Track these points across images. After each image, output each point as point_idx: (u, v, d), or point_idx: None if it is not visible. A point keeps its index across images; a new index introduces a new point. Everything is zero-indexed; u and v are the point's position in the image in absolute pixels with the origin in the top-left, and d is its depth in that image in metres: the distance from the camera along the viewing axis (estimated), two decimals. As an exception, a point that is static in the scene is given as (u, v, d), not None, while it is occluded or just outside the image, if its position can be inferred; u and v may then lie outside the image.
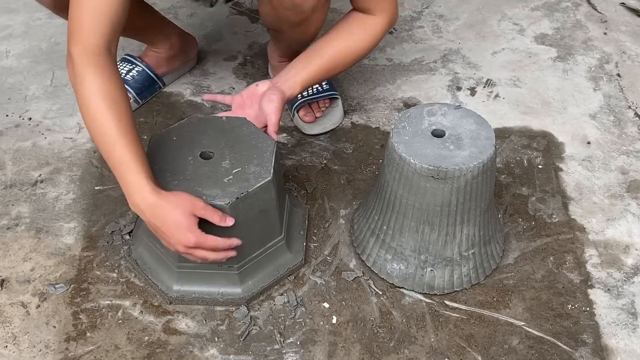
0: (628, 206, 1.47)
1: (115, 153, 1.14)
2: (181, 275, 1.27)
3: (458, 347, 1.23)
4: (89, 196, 1.48)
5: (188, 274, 1.27)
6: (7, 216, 1.44)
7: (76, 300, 1.29)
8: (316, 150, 1.58)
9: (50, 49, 1.86)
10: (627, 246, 1.40)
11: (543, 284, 1.33)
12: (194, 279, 1.27)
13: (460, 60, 1.84)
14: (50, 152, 1.58)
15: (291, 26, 1.41)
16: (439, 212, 1.23)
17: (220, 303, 1.28)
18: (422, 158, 1.19)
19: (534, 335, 1.25)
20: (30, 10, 2.00)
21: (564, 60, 1.84)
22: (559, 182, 1.52)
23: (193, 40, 1.78)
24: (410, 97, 1.73)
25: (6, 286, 1.32)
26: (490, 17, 2.00)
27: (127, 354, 1.22)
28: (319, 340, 1.24)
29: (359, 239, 1.37)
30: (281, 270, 1.32)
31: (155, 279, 1.30)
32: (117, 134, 1.14)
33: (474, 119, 1.27)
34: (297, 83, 1.38)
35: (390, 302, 1.30)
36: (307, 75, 1.39)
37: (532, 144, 1.61)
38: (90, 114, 1.16)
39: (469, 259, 1.29)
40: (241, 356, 1.22)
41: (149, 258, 1.32)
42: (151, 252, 1.31)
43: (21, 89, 1.74)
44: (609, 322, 1.27)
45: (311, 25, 1.42)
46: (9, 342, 1.23)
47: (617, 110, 1.70)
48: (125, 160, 1.14)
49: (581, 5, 2.04)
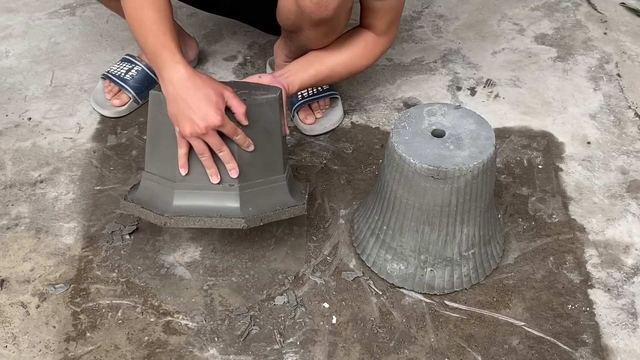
0: (628, 206, 1.47)
1: (151, 35, 1.23)
2: (180, 194, 1.26)
3: (458, 347, 1.23)
4: (89, 196, 1.48)
5: (187, 193, 1.26)
6: (7, 216, 1.44)
7: (76, 300, 1.29)
8: (316, 150, 1.58)
9: (50, 49, 1.86)
10: (627, 246, 1.40)
11: (543, 284, 1.33)
12: (193, 198, 1.26)
13: (460, 60, 1.84)
14: (50, 152, 1.58)
15: (312, 25, 1.39)
16: (439, 212, 1.23)
17: (219, 224, 1.25)
18: (422, 158, 1.19)
19: (534, 336, 1.25)
20: (30, 10, 2.00)
21: (564, 60, 1.84)
22: (559, 182, 1.52)
23: (193, 41, 1.78)
24: (410, 97, 1.73)
25: (6, 286, 1.32)
26: (490, 17, 2.00)
27: (127, 354, 1.22)
28: (319, 340, 1.24)
29: (359, 239, 1.37)
30: (283, 207, 1.29)
31: (152, 207, 1.28)
32: (154, 19, 1.23)
33: (474, 119, 1.27)
34: (296, 82, 1.42)
35: (390, 302, 1.30)
36: (306, 77, 1.44)
37: (532, 144, 1.61)
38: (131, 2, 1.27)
39: (469, 259, 1.29)
40: (241, 356, 1.22)
41: (144, 195, 1.30)
42: (146, 190, 1.30)
43: (21, 89, 1.74)
44: (609, 322, 1.27)
45: (331, 27, 1.40)
46: (9, 342, 1.23)
47: (617, 110, 1.70)
48: (161, 40, 1.22)
49: (581, 5, 2.04)
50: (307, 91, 1.62)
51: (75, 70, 1.80)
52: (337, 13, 1.34)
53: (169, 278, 1.34)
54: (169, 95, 1.21)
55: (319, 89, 1.62)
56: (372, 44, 1.47)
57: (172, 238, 1.40)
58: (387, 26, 1.44)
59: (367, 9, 1.42)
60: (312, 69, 1.44)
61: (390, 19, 1.43)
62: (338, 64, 1.46)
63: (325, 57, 1.45)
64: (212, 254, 1.38)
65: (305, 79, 1.44)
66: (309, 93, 1.62)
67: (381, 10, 1.41)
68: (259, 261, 1.37)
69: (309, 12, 1.33)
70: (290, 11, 1.38)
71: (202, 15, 1.97)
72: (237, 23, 1.96)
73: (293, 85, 1.42)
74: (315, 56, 1.46)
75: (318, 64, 1.45)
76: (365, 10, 1.43)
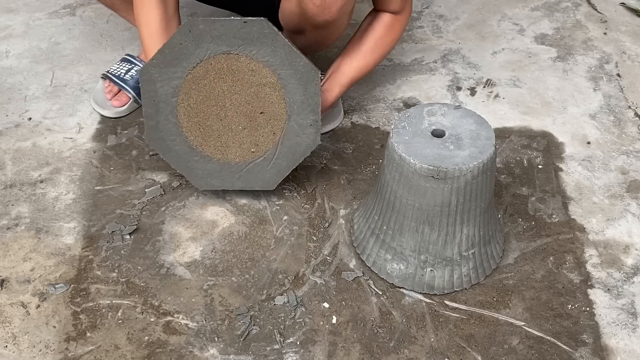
0: (628, 206, 1.47)
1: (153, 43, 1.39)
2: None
3: (458, 347, 1.23)
4: (89, 196, 1.48)
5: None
6: (7, 216, 1.44)
7: (76, 300, 1.30)
8: (316, 150, 1.58)
9: (50, 49, 1.86)
10: (627, 246, 1.40)
11: (543, 284, 1.33)
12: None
13: (460, 60, 1.84)
14: (50, 152, 1.58)
15: (315, 27, 1.40)
16: (439, 212, 1.23)
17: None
18: (422, 158, 1.19)
19: (534, 335, 1.25)
20: (30, 10, 2.00)
21: (564, 60, 1.84)
22: (559, 182, 1.52)
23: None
24: (410, 97, 1.73)
25: (6, 286, 1.32)
26: (490, 17, 2.00)
27: (127, 354, 1.22)
28: (319, 340, 1.24)
29: (359, 239, 1.37)
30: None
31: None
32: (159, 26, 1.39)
33: (473, 119, 1.27)
34: (335, 87, 1.48)
35: (390, 302, 1.30)
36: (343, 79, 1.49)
37: (532, 144, 1.61)
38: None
39: (469, 259, 1.29)
40: (241, 356, 1.22)
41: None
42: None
43: (21, 89, 1.74)
44: (609, 322, 1.27)
45: (334, 29, 1.43)
46: (9, 342, 1.23)
47: (617, 110, 1.70)
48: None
49: (581, 5, 2.04)
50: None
51: (75, 70, 1.80)
52: (340, 15, 1.34)
53: (169, 278, 1.34)
54: None
55: (319, 88, 1.63)
56: (392, 23, 1.49)
57: (172, 238, 1.40)
58: (401, 4, 1.47)
59: None
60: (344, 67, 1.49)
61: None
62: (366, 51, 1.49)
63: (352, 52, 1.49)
64: (212, 254, 1.38)
65: (342, 79, 1.48)
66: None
67: None
68: (259, 261, 1.37)
69: (312, 14, 1.33)
70: (293, 13, 1.38)
71: (202, 15, 1.97)
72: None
73: (332, 90, 1.47)
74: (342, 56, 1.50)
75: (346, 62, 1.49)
76: None
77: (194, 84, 1.34)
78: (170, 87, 1.34)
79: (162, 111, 1.36)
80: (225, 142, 1.38)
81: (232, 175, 1.41)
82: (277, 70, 1.32)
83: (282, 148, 1.38)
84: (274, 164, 1.39)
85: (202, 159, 1.40)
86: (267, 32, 1.29)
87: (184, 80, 1.33)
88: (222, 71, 1.33)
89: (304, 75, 1.32)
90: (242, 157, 1.39)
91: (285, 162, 1.40)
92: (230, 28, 1.29)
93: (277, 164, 1.40)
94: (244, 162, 1.40)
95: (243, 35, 1.29)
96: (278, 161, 1.39)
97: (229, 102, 1.35)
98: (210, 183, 1.42)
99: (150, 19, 1.40)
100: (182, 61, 1.32)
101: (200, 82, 1.34)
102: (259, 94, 1.34)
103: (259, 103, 1.35)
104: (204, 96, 1.35)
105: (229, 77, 1.33)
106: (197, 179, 1.42)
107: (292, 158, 1.39)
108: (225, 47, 1.30)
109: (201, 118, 1.37)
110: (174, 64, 1.32)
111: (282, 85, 1.33)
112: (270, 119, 1.36)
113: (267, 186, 1.42)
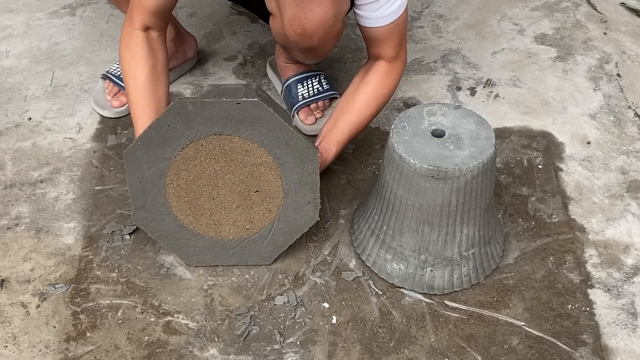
0: (628, 206, 1.47)
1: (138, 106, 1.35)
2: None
3: (458, 347, 1.23)
4: (89, 196, 1.48)
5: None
6: (7, 216, 1.44)
7: (76, 300, 1.30)
8: (316, 150, 1.58)
9: (50, 49, 1.86)
10: (627, 246, 1.40)
11: (543, 284, 1.33)
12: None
13: (460, 60, 1.84)
14: (50, 152, 1.58)
15: (300, 50, 1.39)
16: (439, 212, 1.23)
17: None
18: (422, 158, 1.19)
19: (534, 335, 1.25)
20: (30, 10, 2.00)
21: (563, 60, 1.84)
22: (558, 182, 1.52)
23: (192, 39, 1.78)
24: (410, 97, 1.73)
25: (6, 286, 1.32)
26: (490, 17, 2.00)
27: (127, 354, 1.22)
28: (319, 340, 1.24)
29: (359, 239, 1.37)
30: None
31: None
32: (146, 88, 1.35)
33: (473, 119, 1.27)
34: (332, 144, 1.41)
35: (390, 302, 1.30)
36: (339, 135, 1.41)
37: (532, 144, 1.61)
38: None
39: (469, 259, 1.29)
40: (241, 356, 1.22)
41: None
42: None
43: (21, 89, 1.74)
44: (608, 322, 1.27)
45: (320, 52, 1.40)
46: (9, 342, 1.23)
47: (617, 110, 1.70)
48: (147, 116, 1.33)
49: (581, 5, 2.04)
50: (308, 92, 1.62)
51: (75, 70, 1.80)
52: (322, 42, 1.33)
53: (169, 278, 1.34)
54: None
55: (319, 89, 1.62)
56: (387, 71, 1.42)
57: (172, 238, 1.40)
58: (395, 51, 1.40)
59: (370, 39, 1.39)
60: (341, 123, 1.41)
61: (396, 43, 1.39)
62: (362, 105, 1.42)
63: (347, 107, 1.42)
64: (212, 254, 1.38)
65: (339, 136, 1.41)
66: (309, 94, 1.62)
67: (384, 38, 1.37)
68: (259, 261, 1.37)
69: (294, 41, 1.33)
70: (279, 34, 1.37)
71: (202, 15, 1.97)
72: (237, 23, 1.96)
73: (329, 150, 1.39)
74: (338, 111, 1.43)
75: (342, 118, 1.41)
76: (369, 41, 1.40)
77: (184, 164, 1.25)
78: (158, 168, 1.25)
79: (150, 192, 1.27)
80: (218, 220, 1.30)
81: (226, 251, 1.34)
82: (273, 150, 1.24)
83: (279, 225, 1.31)
84: (270, 240, 1.32)
85: (193, 236, 1.32)
86: (262, 113, 1.20)
87: (173, 161, 1.24)
88: (214, 152, 1.24)
89: (301, 154, 1.24)
90: (237, 234, 1.32)
91: (282, 238, 1.32)
92: (222, 109, 1.20)
93: (274, 240, 1.32)
94: (239, 238, 1.32)
95: (236, 116, 1.20)
96: (275, 237, 1.32)
97: (221, 182, 1.27)
98: (202, 259, 1.34)
99: (138, 72, 1.34)
100: (170, 142, 1.23)
101: (190, 162, 1.25)
102: (254, 174, 1.26)
103: (254, 182, 1.27)
104: (194, 176, 1.26)
105: (222, 158, 1.25)
106: (189, 256, 1.34)
107: (290, 234, 1.32)
108: (217, 128, 1.21)
109: (192, 197, 1.28)
110: (162, 145, 1.23)
111: (278, 164, 1.25)
112: (266, 197, 1.28)
113: (262, 261, 1.35)
